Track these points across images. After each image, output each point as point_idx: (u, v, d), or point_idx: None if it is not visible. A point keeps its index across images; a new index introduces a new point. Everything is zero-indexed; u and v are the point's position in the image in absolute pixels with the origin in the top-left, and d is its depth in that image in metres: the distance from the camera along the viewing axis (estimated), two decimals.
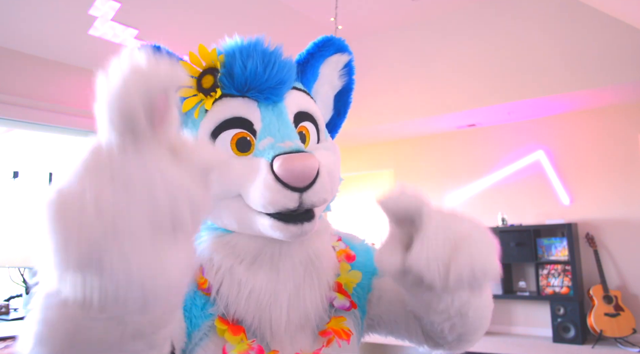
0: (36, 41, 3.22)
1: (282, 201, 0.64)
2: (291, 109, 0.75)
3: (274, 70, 0.71)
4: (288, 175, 0.63)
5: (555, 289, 4.77)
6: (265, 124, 0.72)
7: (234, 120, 0.71)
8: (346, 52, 0.89)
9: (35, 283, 0.43)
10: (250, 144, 0.71)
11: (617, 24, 3.91)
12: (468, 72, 4.62)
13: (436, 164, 5.77)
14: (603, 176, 4.85)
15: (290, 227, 0.66)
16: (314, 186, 0.65)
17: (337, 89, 0.90)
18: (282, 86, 0.73)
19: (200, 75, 0.73)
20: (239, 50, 0.71)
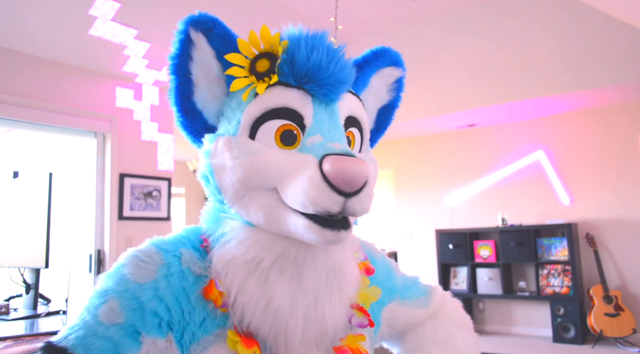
0: (36, 41, 3.22)
1: (325, 202, 0.60)
2: (343, 112, 0.72)
3: (337, 67, 0.68)
4: (338, 177, 0.59)
5: (555, 289, 4.77)
6: (316, 121, 0.68)
7: (284, 110, 0.67)
8: (400, 67, 0.86)
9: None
10: (295, 138, 0.67)
11: (617, 24, 3.91)
12: (468, 72, 4.62)
13: (436, 164, 5.77)
14: (603, 176, 4.85)
15: (326, 232, 0.62)
16: (360, 194, 0.61)
17: (382, 103, 0.88)
18: (342, 86, 0.69)
19: (255, 58, 0.70)
20: (305, 40, 0.67)
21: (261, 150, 0.66)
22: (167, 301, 0.66)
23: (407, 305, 0.87)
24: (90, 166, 3.71)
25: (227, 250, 0.69)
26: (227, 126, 0.71)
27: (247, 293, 0.66)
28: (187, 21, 0.70)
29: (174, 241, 0.73)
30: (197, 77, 0.72)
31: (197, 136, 0.75)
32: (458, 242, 5.28)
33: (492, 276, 5.09)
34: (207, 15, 0.70)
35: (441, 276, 5.36)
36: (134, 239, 3.75)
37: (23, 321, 1.72)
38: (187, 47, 0.70)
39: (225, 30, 0.71)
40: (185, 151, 7.06)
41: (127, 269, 0.67)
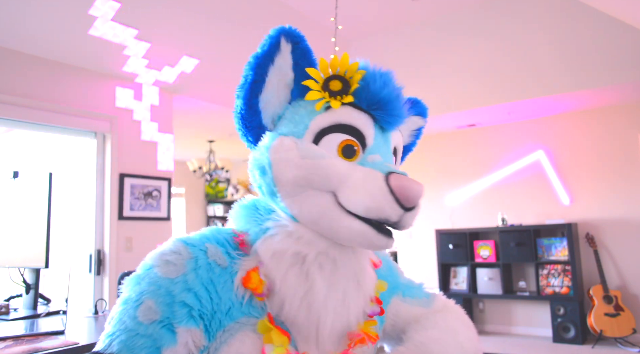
0: (36, 41, 3.22)
1: (388, 211, 0.69)
2: (393, 142, 0.82)
3: (400, 104, 0.79)
4: (403, 192, 0.69)
5: (555, 289, 4.77)
6: (376, 142, 0.78)
7: (350, 127, 0.76)
8: (425, 118, 0.99)
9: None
10: (355, 153, 0.76)
11: (617, 24, 3.91)
12: (468, 72, 4.62)
13: (436, 164, 5.77)
14: (603, 176, 4.86)
15: (380, 237, 0.72)
16: (414, 210, 0.72)
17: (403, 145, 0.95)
18: (400, 120, 0.80)
19: (329, 77, 0.78)
20: (379, 74, 0.78)
21: (326, 155, 0.74)
22: (197, 291, 0.71)
23: (408, 302, 0.94)
24: (90, 166, 3.70)
25: (274, 243, 0.76)
26: (292, 128, 0.78)
27: (289, 284, 0.74)
28: (281, 30, 0.77)
29: (199, 237, 0.78)
30: (271, 80, 0.79)
31: (249, 131, 0.81)
32: (458, 242, 5.28)
33: (492, 276, 5.09)
34: (297, 31, 0.79)
35: (441, 276, 5.36)
36: (134, 239, 3.75)
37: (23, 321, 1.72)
38: (273, 51, 0.77)
39: (307, 47, 0.80)
40: (185, 150, 7.06)
41: (157, 269, 0.72)
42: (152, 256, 0.75)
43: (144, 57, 3.67)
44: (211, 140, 6.49)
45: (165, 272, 0.72)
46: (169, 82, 4.00)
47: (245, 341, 0.71)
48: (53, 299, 2.08)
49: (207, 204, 8.48)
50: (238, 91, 0.80)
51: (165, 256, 0.74)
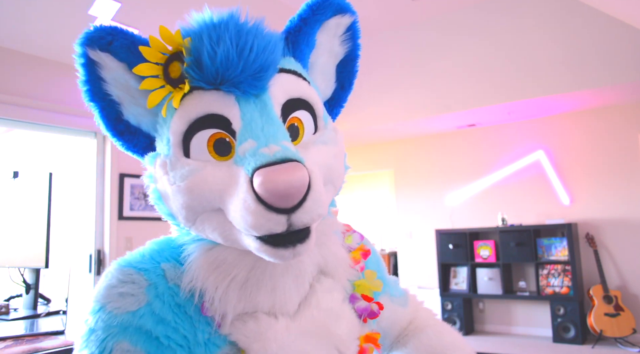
0: (36, 41, 3.22)
1: (266, 225, 0.53)
2: (278, 100, 0.62)
3: (252, 55, 0.58)
4: (271, 196, 0.52)
5: (555, 289, 4.77)
6: (245, 122, 0.59)
7: (209, 118, 0.60)
8: (348, 13, 0.73)
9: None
10: (230, 146, 0.60)
11: (617, 24, 3.91)
12: (468, 72, 4.62)
13: (436, 164, 5.77)
14: (603, 176, 4.85)
15: (280, 252, 0.55)
16: (304, 204, 0.53)
17: (340, 58, 0.77)
18: (264, 74, 0.60)
19: (166, 63, 0.61)
20: (207, 32, 0.59)
21: (195, 170, 0.59)
22: (170, 321, 0.60)
23: (394, 302, 0.85)
24: (90, 166, 3.71)
25: (199, 271, 0.62)
26: (161, 145, 0.64)
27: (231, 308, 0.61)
28: (82, 41, 0.62)
29: (149, 257, 0.65)
30: (119, 96, 0.65)
31: (144, 154, 0.68)
32: (458, 242, 5.28)
33: (492, 276, 5.09)
34: (103, 28, 0.62)
35: (441, 276, 5.36)
36: (134, 239, 3.75)
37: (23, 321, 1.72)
38: (92, 70, 0.64)
39: (129, 39, 0.62)
40: None
41: (111, 305, 0.59)
42: (97, 295, 0.61)
43: None
44: None
45: (122, 306, 0.59)
46: None
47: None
48: (53, 299, 2.08)
49: None
50: (98, 125, 0.67)
51: (114, 289, 0.60)
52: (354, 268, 0.74)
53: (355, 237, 0.80)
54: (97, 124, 0.66)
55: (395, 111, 5.00)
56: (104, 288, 0.61)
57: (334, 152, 0.66)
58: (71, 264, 3.70)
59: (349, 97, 0.80)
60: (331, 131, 0.69)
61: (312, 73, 0.74)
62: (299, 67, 0.69)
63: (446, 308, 5.20)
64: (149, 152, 0.67)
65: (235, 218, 0.56)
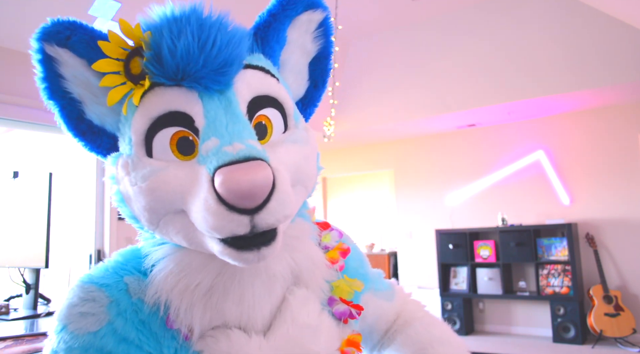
0: None
1: (228, 226, 0.51)
2: (243, 96, 0.60)
3: (214, 49, 0.56)
4: (233, 196, 0.49)
5: (555, 289, 4.77)
6: (209, 120, 0.57)
7: (171, 115, 0.57)
8: (319, 9, 0.70)
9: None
10: (193, 145, 0.57)
11: (617, 24, 3.91)
12: (468, 72, 4.62)
13: (436, 164, 5.77)
14: (603, 176, 4.85)
15: (244, 255, 0.53)
16: (268, 205, 0.51)
17: (312, 55, 0.73)
18: (228, 69, 0.57)
19: (127, 58, 0.58)
20: (168, 25, 0.56)
21: (157, 170, 0.56)
22: (134, 338, 0.58)
23: (378, 297, 0.82)
24: (90, 166, 3.71)
25: (162, 278, 0.60)
26: (123, 144, 0.61)
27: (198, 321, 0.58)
28: (38, 36, 0.60)
29: (112, 271, 0.62)
30: (79, 94, 0.62)
31: (107, 155, 0.65)
32: (458, 242, 5.28)
33: (492, 276, 5.09)
34: (60, 23, 0.61)
35: (441, 276, 5.36)
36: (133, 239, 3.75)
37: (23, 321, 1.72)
38: (50, 67, 0.60)
39: (89, 34, 0.61)
40: None
41: (72, 326, 0.58)
42: (60, 314, 0.60)
43: None
44: None
45: (83, 326, 0.57)
46: None
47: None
48: (53, 299, 2.08)
49: None
50: (59, 125, 0.63)
51: (75, 308, 0.58)
52: (332, 268, 0.71)
53: (333, 235, 0.77)
54: (58, 123, 0.63)
55: (395, 111, 5.01)
56: (66, 307, 0.59)
57: (304, 153, 0.63)
58: (71, 264, 3.70)
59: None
60: (302, 130, 0.66)
61: (283, 71, 0.71)
62: (268, 63, 0.66)
63: (446, 308, 5.21)
64: (113, 153, 0.64)
65: (197, 220, 0.53)
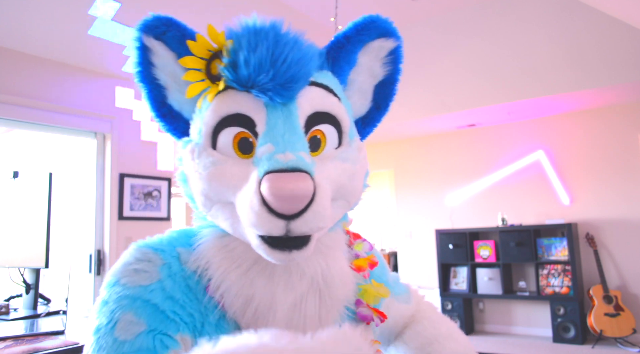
0: (36, 41, 3.22)
1: (266, 226, 0.57)
2: (304, 110, 0.65)
3: (285, 65, 0.61)
4: (273, 201, 0.55)
5: (555, 289, 4.77)
6: (269, 127, 0.62)
7: (237, 117, 0.63)
8: (392, 37, 0.75)
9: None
10: (252, 146, 0.63)
11: (617, 24, 3.90)
12: (468, 72, 4.62)
13: (436, 164, 5.77)
14: (603, 176, 4.85)
15: (275, 253, 0.59)
16: (304, 215, 0.56)
17: (379, 79, 0.78)
18: (294, 85, 0.62)
19: (210, 59, 0.66)
20: (247, 37, 0.62)
21: (217, 162, 0.63)
22: (180, 299, 0.63)
23: (398, 301, 0.87)
24: (90, 166, 3.70)
25: (206, 251, 0.67)
26: (194, 132, 0.68)
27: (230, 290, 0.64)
28: (140, 27, 0.68)
29: (166, 241, 0.69)
30: (166, 82, 0.70)
31: (181, 137, 0.73)
32: (458, 242, 5.28)
33: (492, 276, 5.09)
34: (160, 18, 0.68)
35: (441, 276, 5.36)
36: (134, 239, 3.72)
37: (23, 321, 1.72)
38: (145, 54, 0.69)
39: (181, 31, 0.68)
40: None
41: (125, 279, 0.63)
42: (115, 270, 0.65)
43: None
44: None
45: (136, 280, 0.62)
46: None
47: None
48: (53, 299, 2.08)
49: None
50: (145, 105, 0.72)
51: (131, 265, 0.64)
52: (357, 276, 0.76)
53: (365, 246, 0.83)
54: (144, 104, 0.72)
55: (395, 111, 4.98)
56: (121, 265, 0.65)
57: (351, 171, 0.68)
58: (71, 264, 3.70)
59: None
60: (354, 149, 0.70)
61: (349, 89, 0.76)
62: (334, 82, 0.71)
63: (446, 308, 5.21)
64: (185, 137, 0.71)
65: (242, 214, 0.60)
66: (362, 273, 0.77)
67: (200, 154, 0.64)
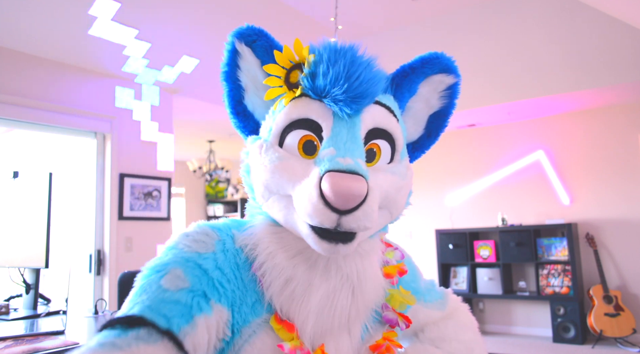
0: (36, 41, 3.22)
1: (320, 218, 0.63)
2: (366, 124, 0.73)
3: (357, 82, 0.69)
4: (331, 195, 0.62)
5: (555, 289, 4.77)
6: (334, 133, 0.70)
7: (306, 121, 0.71)
8: (453, 74, 0.85)
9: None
10: (316, 148, 0.71)
11: (617, 24, 3.90)
12: (468, 72, 4.60)
13: (436, 164, 5.77)
14: (603, 176, 4.85)
15: (323, 244, 0.66)
16: (355, 212, 0.63)
17: (434, 110, 0.87)
18: (362, 100, 0.70)
19: (290, 69, 0.74)
20: (328, 53, 0.71)
21: (282, 158, 0.71)
22: (227, 273, 0.70)
23: (429, 307, 0.94)
24: (90, 166, 3.71)
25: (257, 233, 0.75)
26: (264, 131, 0.77)
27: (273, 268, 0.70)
28: (234, 33, 0.77)
29: (223, 224, 0.78)
30: (246, 84, 0.79)
31: (249, 134, 0.82)
32: (458, 242, 5.28)
33: (492, 276, 5.09)
34: (253, 28, 0.77)
35: (441, 276, 5.36)
36: (134, 239, 3.75)
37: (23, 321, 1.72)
38: (234, 57, 0.77)
39: (269, 42, 0.76)
40: (185, 151, 7.06)
41: (183, 244, 0.71)
42: (174, 239, 0.74)
43: (144, 57, 3.67)
44: (211, 140, 6.49)
45: (194, 247, 0.70)
46: (168, 82, 4.00)
47: (266, 340, 0.68)
48: (53, 299, 2.08)
49: (207, 204, 8.48)
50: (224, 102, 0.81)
51: (189, 236, 0.73)
52: (387, 281, 0.82)
53: (396, 254, 0.90)
54: (223, 101, 0.81)
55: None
56: (181, 235, 0.74)
57: (398, 184, 0.75)
58: (71, 264, 3.70)
59: None
60: (404, 167, 0.78)
61: (406, 115, 0.85)
62: (395, 106, 0.79)
63: None
64: (253, 135, 0.80)
65: (298, 204, 0.67)
66: (391, 279, 0.82)
67: (267, 150, 0.72)
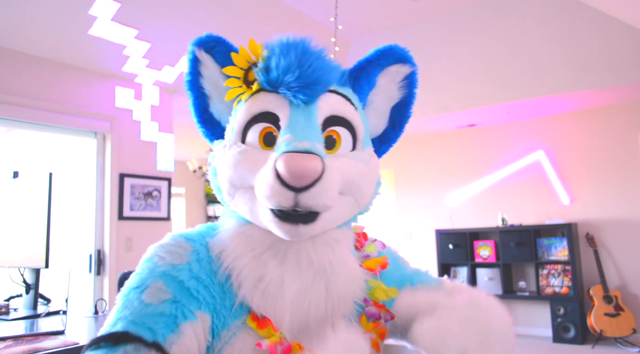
0: (36, 41, 3.22)
1: (277, 198, 0.64)
2: (322, 112, 0.74)
3: (310, 69, 0.71)
4: (285, 173, 0.63)
5: (555, 289, 4.77)
6: (291, 122, 0.72)
7: (264, 114, 0.73)
8: (408, 64, 0.86)
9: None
10: (275, 139, 0.73)
11: (617, 24, 3.90)
12: (468, 72, 4.62)
13: (436, 164, 5.77)
14: (603, 176, 4.85)
15: (284, 225, 0.67)
16: (311, 189, 0.64)
17: (395, 101, 0.88)
18: (315, 87, 0.72)
19: (247, 69, 0.77)
20: (280, 47, 0.72)
21: (243, 152, 0.72)
22: (204, 280, 0.70)
23: (419, 289, 0.89)
24: (90, 166, 3.71)
25: (225, 236, 0.76)
26: (228, 132, 0.79)
27: (243, 268, 0.71)
28: (194, 42, 0.78)
29: (197, 233, 0.78)
30: (210, 91, 0.81)
31: (218, 140, 0.82)
32: (458, 242, 5.28)
33: (492, 276, 5.09)
34: (210, 36, 0.79)
35: (441, 276, 5.35)
36: (134, 239, 3.75)
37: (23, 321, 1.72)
38: (195, 65, 0.79)
39: (227, 47, 0.78)
40: (185, 151, 7.06)
41: (157, 258, 0.71)
42: (151, 250, 0.74)
43: (144, 57, 3.67)
44: None
45: (167, 259, 0.71)
46: (169, 82, 4.00)
47: (246, 339, 0.68)
48: (53, 299, 2.08)
49: (207, 204, 8.48)
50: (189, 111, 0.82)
51: (164, 248, 0.73)
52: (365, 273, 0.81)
53: (377, 245, 0.90)
54: (189, 110, 0.82)
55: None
56: (157, 246, 0.74)
57: (361, 170, 0.76)
58: (71, 264, 3.70)
59: None
60: (367, 154, 0.79)
61: (368, 109, 0.85)
62: (354, 97, 0.80)
63: None
64: (219, 140, 0.81)
65: (257, 190, 0.68)
66: (373, 271, 0.82)
67: (230, 147, 0.74)
